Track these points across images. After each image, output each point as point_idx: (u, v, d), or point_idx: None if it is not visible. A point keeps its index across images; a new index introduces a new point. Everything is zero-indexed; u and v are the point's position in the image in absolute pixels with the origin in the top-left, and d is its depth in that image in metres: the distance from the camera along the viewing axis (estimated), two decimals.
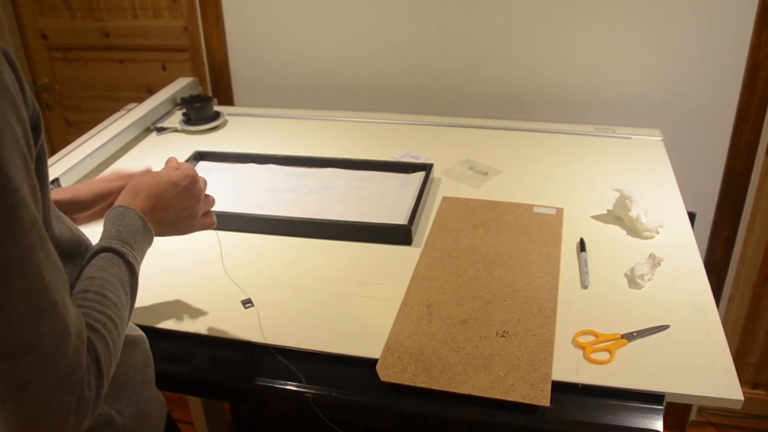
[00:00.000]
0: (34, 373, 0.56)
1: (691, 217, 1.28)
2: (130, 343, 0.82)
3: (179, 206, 0.87)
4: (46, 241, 0.58)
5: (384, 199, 1.33)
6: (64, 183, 1.36)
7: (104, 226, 0.79)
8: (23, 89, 0.59)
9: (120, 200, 0.83)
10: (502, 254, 1.15)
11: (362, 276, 1.12)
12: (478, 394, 0.86)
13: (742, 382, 2.01)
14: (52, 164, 1.42)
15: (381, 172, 1.44)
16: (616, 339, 0.95)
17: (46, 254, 0.58)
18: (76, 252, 0.74)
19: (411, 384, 0.89)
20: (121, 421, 0.77)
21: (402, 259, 1.16)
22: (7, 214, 0.54)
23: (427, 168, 1.40)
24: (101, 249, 0.74)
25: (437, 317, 1.00)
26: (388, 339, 0.96)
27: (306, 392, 0.91)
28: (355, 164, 1.45)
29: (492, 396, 0.86)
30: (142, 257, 0.79)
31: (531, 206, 1.29)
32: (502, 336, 0.96)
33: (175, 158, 0.95)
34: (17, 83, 0.58)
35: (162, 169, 0.91)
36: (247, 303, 1.05)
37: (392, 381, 0.89)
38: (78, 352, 0.59)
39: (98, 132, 1.60)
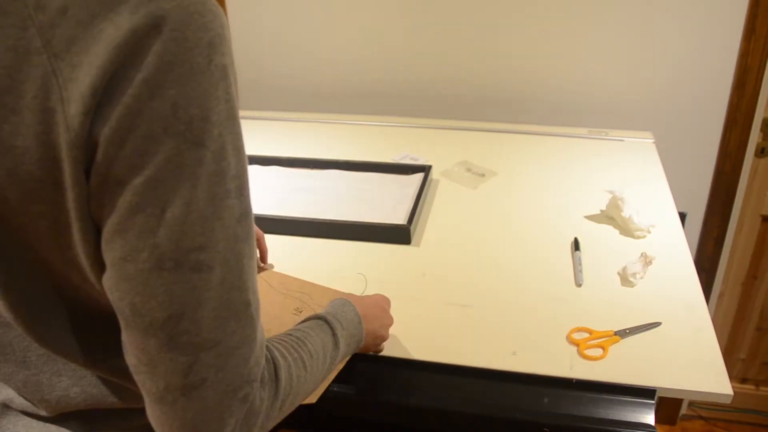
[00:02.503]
0: (213, 372, 0.51)
1: (682, 217, 1.28)
2: None
3: (380, 323, 0.90)
4: (253, 239, 0.54)
5: (384, 200, 1.33)
6: None
7: (326, 308, 0.80)
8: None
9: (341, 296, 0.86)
10: None
11: (363, 274, 1.12)
12: None
13: (731, 377, 2.01)
14: None
15: (381, 173, 1.44)
16: (610, 336, 0.95)
17: (250, 251, 0.53)
18: None
19: None
20: None
21: (401, 258, 1.16)
22: (222, 202, 0.50)
23: (425, 170, 1.40)
24: (315, 317, 0.74)
25: None
26: None
27: None
28: (356, 166, 1.45)
29: None
30: (347, 346, 0.77)
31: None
32: None
33: None
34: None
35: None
36: None
37: None
38: (258, 363, 0.55)
39: None
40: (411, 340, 0.96)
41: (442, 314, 1.02)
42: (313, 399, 0.85)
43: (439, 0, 1.68)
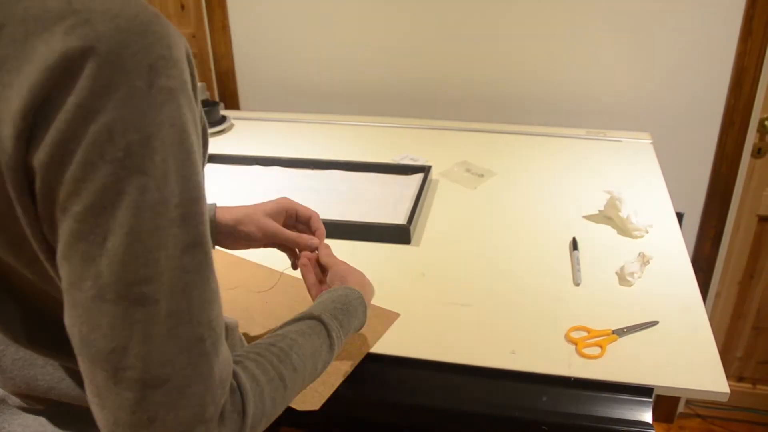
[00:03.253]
0: (162, 411, 0.48)
1: (679, 217, 1.28)
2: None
3: (371, 290, 0.88)
4: (206, 269, 0.50)
5: (384, 200, 1.33)
6: None
7: (322, 298, 0.76)
8: (196, 95, 0.52)
9: (345, 282, 0.82)
10: None
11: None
12: None
13: (728, 375, 2.01)
14: None
15: (381, 174, 1.43)
16: (607, 334, 0.95)
17: (203, 282, 0.50)
18: None
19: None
20: None
21: (401, 258, 1.16)
22: (166, 231, 0.47)
23: (425, 170, 1.40)
24: (311, 316, 0.70)
25: None
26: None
27: None
28: (357, 166, 1.45)
29: None
30: (343, 341, 0.74)
31: None
32: None
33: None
34: (193, 88, 0.52)
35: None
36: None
37: None
38: (215, 401, 0.51)
39: None
40: (410, 339, 0.96)
41: (441, 313, 1.02)
42: (315, 406, 0.84)
43: (438, 2, 1.68)
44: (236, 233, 0.91)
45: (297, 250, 0.94)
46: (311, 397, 0.84)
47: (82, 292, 0.47)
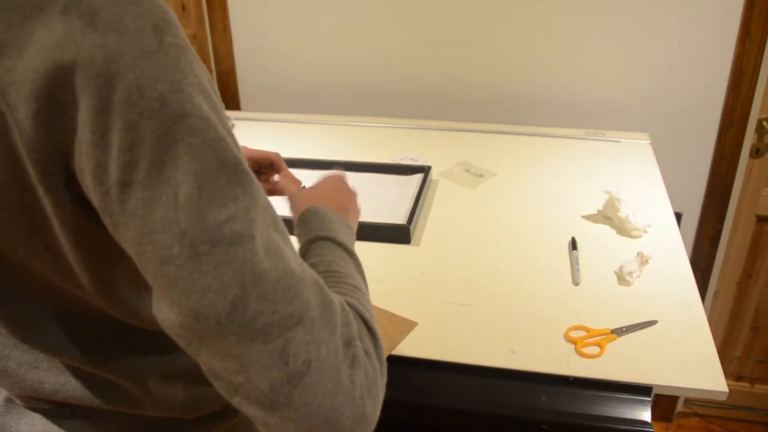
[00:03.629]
0: (313, 349, 0.44)
1: (678, 217, 1.28)
2: None
3: (348, 195, 0.82)
4: (269, 201, 0.49)
5: (384, 200, 1.33)
6: None
7: (299, 226, 0.69)
8: None
9: (300, 207, 0.75)
10: None
11: None
12: None
13: (727, 374, 2.00)
14: None
15: (381, 174, 1.44)
16: (606, 334, 0.95)
17: (273, 218, 0.48)
18: None
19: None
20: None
21: (401, 258, 1.16)
22: (234, 168, 0.45)
23: (425, 170, 1.40)
24: (316, 238, 0.64)
25: None
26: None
27: None
28: (357, 167, 1.45)
29: None
30: (352, 244, 0.69)
31: None
32: None
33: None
34: None
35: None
36: None
37: None
38: (346, 321, 0.48)
39: None
40: (410, 338, 0.96)
41: (441, 313, 1.02)
42: None
43: (438, 3, 1.68)
44: None
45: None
46: None
47: (174, 261, 0.43)
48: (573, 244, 1.17)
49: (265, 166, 0.93)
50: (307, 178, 1.42)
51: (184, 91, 0.44)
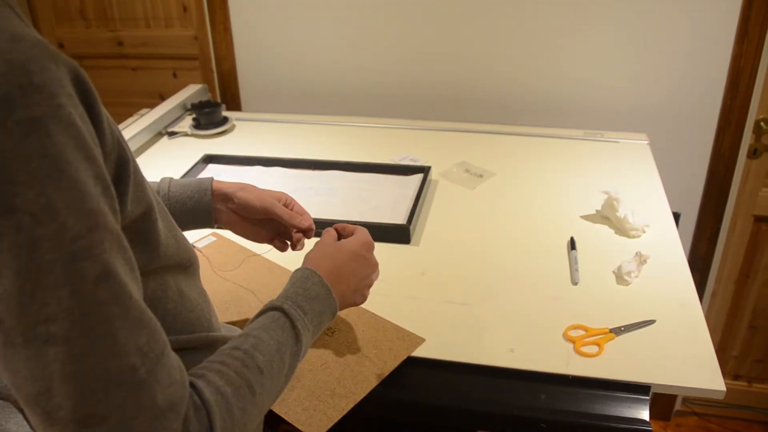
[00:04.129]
0: None
1: (676, 216, 1.28)
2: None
3: (360, 276, 0.81)
4: (125, 295, 0.47)
5: (384, 200, 1.33)
6: None
7: (286, 284, 0.72)
8: (97, 120, 0.48)
9: (306, 262, 0.77)
10: None
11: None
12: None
13: (724, 373, 2.01)
14: None
15: (381, 174, 1.44)
16: (605, 333, 0.95)
17: (122, 310, 0.47)
18: (177, 263, 0.66)
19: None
20: None
21: (401, 257, 1.16)
22: (64, 266, 0.44)
23: (425, 170, 1.40)
24: (271, 308, 0.67)
25: None
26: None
27: None
28: (357, 167, 1.45)
29: None
30: (317, 326, 0.71)
31: None
32: None
33: (340, 228, 0.88)
34: (88, 113, 0.47)
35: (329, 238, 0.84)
36: None
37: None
38: (167, 427, 0.48)
39: None
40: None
41: (440, 312, 1.02)
42: (321, 429, 0.81)
43: (438, 6, 1.68)
44: (236, 199, 0.90)
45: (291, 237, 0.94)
46: (318, 420, 0.82)
47: None
48: (572, 244, 1.17)
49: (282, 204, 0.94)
50: (308, 178, 1.43)
51: (16, 182, 0.42)
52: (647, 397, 0.86)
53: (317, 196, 1.35)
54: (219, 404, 0.53)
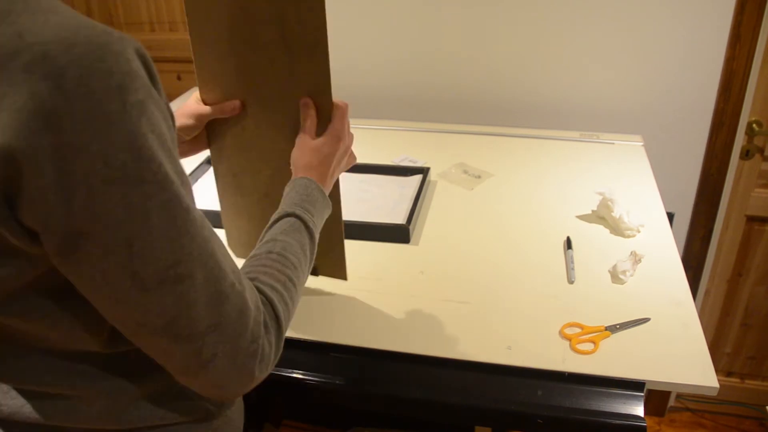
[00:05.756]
0: (221, 347, 0.56)
1: (670, 216, 1.28)
2: None
3: (341, 163, 0.88)
4: (213, 233, 0.57)
5: (384, 200, 1.33)
6: None
7: (287, 192, 0.80)
8: (157, 86, 0.54)
9: (296, 171, 0.83)
10: None
11: (363, 272, 1.12)
12: None
13: (717, 370, 2.01)
14: None
15: (381, 175, 1.44)
16: (600, 331, 0.95)
17: (217, 242, 0.57)
18: None
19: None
20: (216, 413, 0.74)
21: (400, 256, 1.16)
22: (183, 219, 0.52)
23: (424, 171, 1.40)
24: (286, 214, 0.75)
25: None
26: None
27: (309, 380, 0.91)
28: (358, 168, 1.45)
29: None
30: (321, 223, 0.80)
31: None
32: None
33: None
34: (152, 80, 0.52)
35: (310, 125, 0.86)
36: None
37: None
38: (257, 322, 0.59)
39: None
40: (409, 335, 0.96)
41: (439, 310, 1.02)
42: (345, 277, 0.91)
43: (437, 9, 1.68)
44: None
45: None
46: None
47: (125, 292, 0.51)
48: (568, 244, 1.17)
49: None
50: None
51: (143, 158, 0.48)
52: (642, 394, 0.86)
53: None
54: (277, 298, 0.63)
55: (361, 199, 1.34)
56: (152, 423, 0.67)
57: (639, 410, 0.84)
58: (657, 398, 2.06)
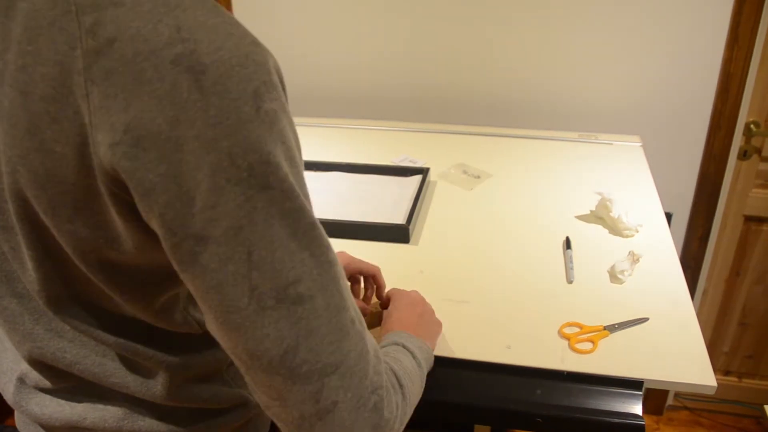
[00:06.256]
0: (342, 393, 0.51)
1: (668, 217, 1.28)
2: None
3: (430, 323, 0.87)
4: (336, 255, 0.53)
5: (384, 201, 1.33)
6: None
7: (384, 337, 0.78)
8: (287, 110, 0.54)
9: (390, 326, 0.81)
10: None
11: None
12: None
13: (715, 369, 2.02)
14: None
15: (381, 175, 1.44)
16: (599, 330, 0.95)
17: (340, 270, 0.53)
18: None
19: None
20: (252, 402, 0.72)
21: (400, 256, 1.16)
22: (307, 234, 0.49)
23: (423, 172, 1.40)
24: (389, 343, 0.73)
25: None
26: None
27: None
28: (358, 168, 1.45)
29: None
30: (425, 366, 0.75)
31: None
32: None
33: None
34: (285, 97, 0.52)
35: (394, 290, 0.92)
36: None
37: None
38: (377, 371, 0.55)
39: None
40: None
41: (439, 310, 1.02)
42: None
43: (436, 10, 1.68)
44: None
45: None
46: None
47: (240, 312, 0.48)
48: (567, 244, 1.17)
49: (367, 277, 0.99)
50: (310, 179, 1.43)
51: (271, 163, 0.47)
52: (640, 393, 0.86)
53: (318, 197, 1.35)
54: (400, 372, 0.62)
55: (362, 199, 1.34)
56: (195, 404, 0.66)
57: (637, 409, 0.84)
58: (655, 397, 2.06)
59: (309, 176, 1.44)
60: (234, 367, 0.70)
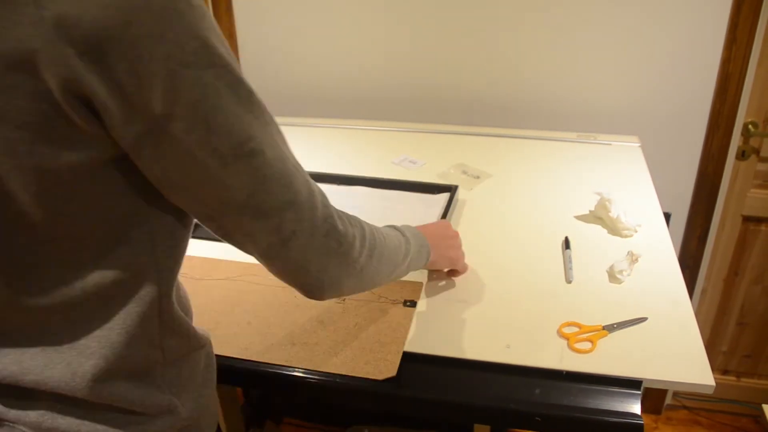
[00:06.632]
0: (297, 224, 0.63)
1: (667, 216, 1.28)
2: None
3: (445, 245, 1.01)
4: (272, 116, 0.62)
5: (409, 219, 1.28)
6: None
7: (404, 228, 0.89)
8: None
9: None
10: None
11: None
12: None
13: (714, 368, 2.02)
14: None
15: (407, 192, 1.37)
16: (598, 330, 0.96)
17: (276, 128, 0.63)
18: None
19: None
20: (183, 412, 0.70)
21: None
22: (249, 100, 0.58)
23: (452, 190, 1.34)
24: (392, 226, 0.84)
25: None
26: None
27: (310, 379, 0.91)
28: (383, 183, 1.39)
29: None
30: (415, 248, 0.88)
31: None
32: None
33: None
34: None
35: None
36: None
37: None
38: (325, 204, 0.66)
39: None
40: (409, 333, 0.97)
41: (439, 309, 1.02)
42: (393, 372, 0.88)
43: (436, 12, 1.68)
44: None
45: None
46: (384, 366, 0.90)
47: (209, 169, 0.58)
48: (566, 244, 1.17)
49: None
50: (332, 194, 1.36)
51: (210, 45, 0.55)
52: (639, 392, 0.86)
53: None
54: (364, 222, 0.74)
55: (386, 217, 1.27)
56: (120, 404, 0.65)
57: (636, 408, 0.84)
58: (654, 396, 2.06)
59: (331, 191, 1.39)
60: (168, 372, 0.68)
